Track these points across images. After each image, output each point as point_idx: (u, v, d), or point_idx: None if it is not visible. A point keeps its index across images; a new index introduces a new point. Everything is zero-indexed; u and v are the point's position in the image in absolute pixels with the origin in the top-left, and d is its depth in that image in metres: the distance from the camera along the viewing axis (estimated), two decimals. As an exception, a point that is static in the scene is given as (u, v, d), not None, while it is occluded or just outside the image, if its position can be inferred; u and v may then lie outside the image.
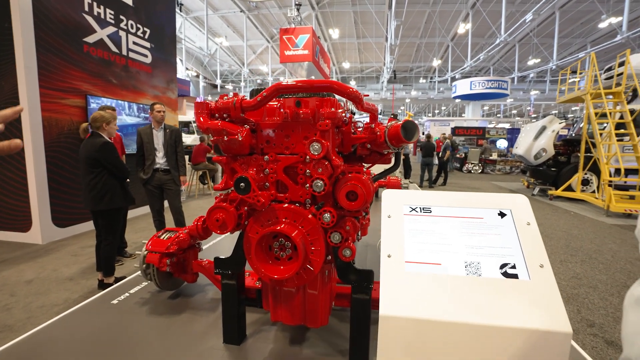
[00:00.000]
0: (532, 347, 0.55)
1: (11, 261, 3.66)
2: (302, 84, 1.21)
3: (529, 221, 0.68)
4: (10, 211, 4.30)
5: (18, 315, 2.46)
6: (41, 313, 2.54)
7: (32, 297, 2.76)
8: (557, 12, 17.13)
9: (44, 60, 4.16)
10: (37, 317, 2.44)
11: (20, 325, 2.31)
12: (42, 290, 2.89)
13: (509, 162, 14.58)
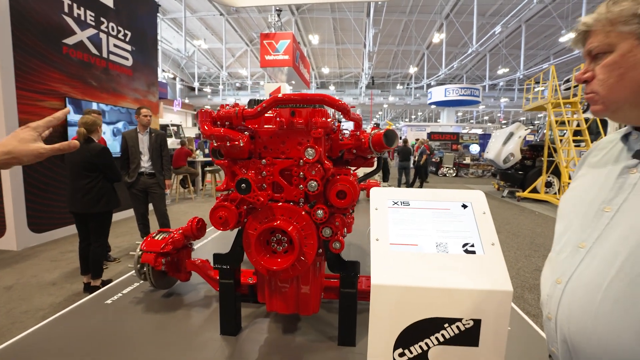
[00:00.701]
0: (484, 302, 0.73)
1: (-15, 267, 3.56)
2: (297, 97, 1.38)
3: (485, 211, 0.88)
4: (-17, 216, 4.16)
5: (0, 322, 2.43)
6: (26, 318, 2.52)
7: (14, 302, 2.73)
8: (523, 25, 18.28)
9: (21, 61, 4.09)
10: (22, 322, 2.42)
11: (4, 331, 2.29)
12: (24, 296, 2.86)
13: (481, 166, 15.33)
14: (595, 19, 0.59)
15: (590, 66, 0.61)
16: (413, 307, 0.75)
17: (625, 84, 0.57)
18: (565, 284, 0.60)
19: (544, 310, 0.66)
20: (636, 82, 0.56)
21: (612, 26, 0.57)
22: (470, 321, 0.75)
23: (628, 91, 0.57)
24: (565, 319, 0.59)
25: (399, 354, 0.78)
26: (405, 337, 0.77)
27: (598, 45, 0.59)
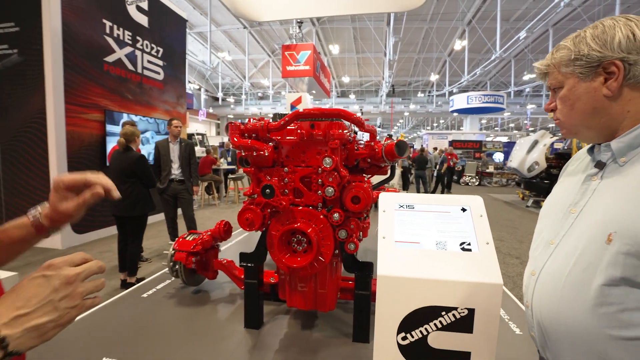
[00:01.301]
0: (477, 293, 0.84)
1: (36, 263, 3.91)
2: (316, 112, 1.53)
3: (482, 214, 0.98)
4: (32, 218, 4.58)
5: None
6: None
7: (61, 295, 3.01)
8: (551, 29, 17.78)
9: (69, 78, 4.52)
10: (68, 313, 2.68)
11: (54, 319, 2.55)
12: (69, 290, 3.15)
13: (505, 174, 14.92)
14: (545, 64, 0.72)
15: (554, 98, 0.73)
16: (414, 296, 0.87)
17: (575, 112, 0.69)
18: (537, 276, 0.71)
19: (524, 299, 0.76)
20: (582, 111, 0.68)
21: (557, 68, 0.69)
22: (465, 310, 0.85)
23: (579, 117, 0.69)
24: (538, 305, 0.69)
25: (402, 338, 0.89)
26: (407, 322, 0.88)
27: (553, 82, 0.72)
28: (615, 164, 0.66)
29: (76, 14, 4.57)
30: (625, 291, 0.56)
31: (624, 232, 0.57)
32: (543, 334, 0.69)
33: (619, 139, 0.65)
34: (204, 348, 1.69)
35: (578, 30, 0.69)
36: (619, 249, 0.57)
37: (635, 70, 0.63)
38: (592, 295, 0.60)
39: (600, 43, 0.63)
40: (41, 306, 0.47)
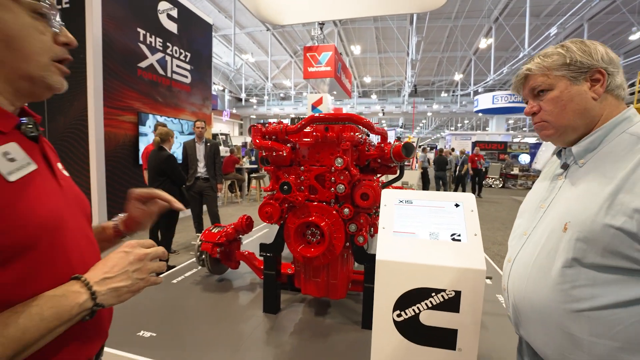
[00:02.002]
0: (463, 277, 0.96)
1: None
2: (329, 117, 1.68)
3: (473, 209, 1.09)
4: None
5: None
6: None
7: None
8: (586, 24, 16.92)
9: (107, 83, 4.90)
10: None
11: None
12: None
13: (530, 177, 14.42)
14: (535, 65, 0.80)
15: (535, 102, 0.82)
16: (408, 279, 1.00)
17: (567, 112, 0.77)
18: (512, 262, 0.82)
19: (502, 284, 0.87)
20: (574, 111, 0.77)
21: (549, 71, 0.78)
22: (452, 292, 0.97)
23: (571, 117, 0.77)
24: (512, 288, 0.80)
25: (397, 315, 1.02)
26: (402, 301, 1.01)
27: (542, 84, 0.80)
28: (576, 165, 0.76)
29: (114, 24, 4.95)
30: (577, 271, 0.67)
31: (576, 221, 0.68)
32: (516, 313, 0.80)
33: (577, 144, 0.76)
34: (227, 328, 1.88)
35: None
36: (571, 236, 0.68)
37: (613, 81, 0.74)
38: (553, 276, 0.70)
39: (586, 53, 0.74)
40: (120, 274, 0.58)
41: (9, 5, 0.48)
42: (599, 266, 0.64)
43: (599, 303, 0.64)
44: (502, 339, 1.73)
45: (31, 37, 0.50)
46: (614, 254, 0.62)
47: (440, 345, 1.00)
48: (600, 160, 0.71)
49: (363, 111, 27.93)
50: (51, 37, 0.54)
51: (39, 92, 0.55)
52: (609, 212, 0.63)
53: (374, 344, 1.05)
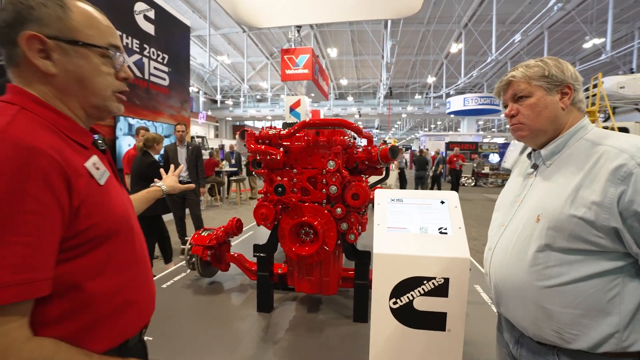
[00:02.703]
0: (450, 266, 1.08)
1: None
2: (320, 122, 1.78)
3: (456, 205, 1.22)
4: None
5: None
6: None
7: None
8: (546, 32, 18.07)
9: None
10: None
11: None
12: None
13: (500, 175, 15.19)
14: (520, 73, 0.91)
15: (514, 106, 0.94)
16: (402, 269, 1.11)
17: (542, 118, 0.90)
18: (493, 250, 0.95)
19: (484, 269, 1.00)
20: (547, 117, 0.90)
21: (530, 80, 0.91)
22: (441, 279, 1.09)
23: (544, 122, 0.90)
24: (493, 272, 0.93)
25: (393, 302, 1.13)
26: (397, 290, 1.12)
27: (523, 91, 0.91)
28: (544, 165, 0.90)
29: (88, 25, 4.81)
30: (548, 254, 0.80)
31: (546, 213, 0.81)
32: (497, 293, 0.93)
33: (545, 148, 0.90)
34: (224, 328, 1.93)
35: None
36: (543, 225, 0.81)
37: (577, 96, 0.88)
38: (528, 260, 0.83)
39: (560, 70, 0.88)
40: None
41: (85, 53, 0.62)
42: (566, 249, 0.77)
43: (565, 279, 0.77)
44: (482, 322, 1.89)
45: (99, 77, 0.64)
46: (577, 239, 0.76)
47: (432, 327, 1.11)
48: (564, 162, 0.85)
49: (340, 113, 28.26)
50: (114, 74, 0.67)
51: (103, 116, 0.70)
52: (573, 205, 0.76)
53: (373, 330, 1.15)
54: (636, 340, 0.73)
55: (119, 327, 0.66)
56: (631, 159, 0.72)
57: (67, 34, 0.60)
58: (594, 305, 0.75)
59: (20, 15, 0.57)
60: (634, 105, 7.89)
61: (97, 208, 0.61)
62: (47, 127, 0.59)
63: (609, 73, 16.11)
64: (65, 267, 0.57)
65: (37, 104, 0.60)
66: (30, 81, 0.61)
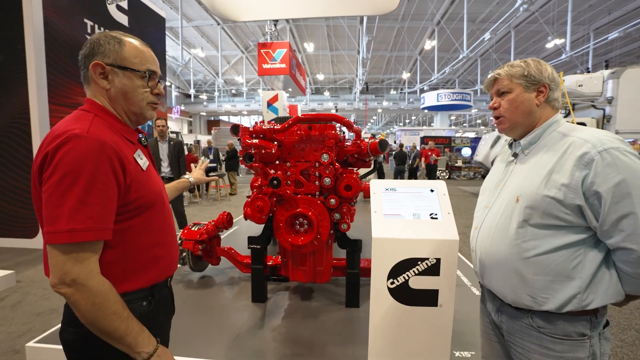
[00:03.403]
0: (441, 247, 1.20)
1: (26, 264, 3.95)
2: (313, 117, 1.85)
3: (445, 193, 1.34)
4: (17, 219, 4.54)
5: (59, 302, 2.83)
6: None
7: (62, 289, 3.13)
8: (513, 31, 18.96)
9: (53, 78, 4.51)
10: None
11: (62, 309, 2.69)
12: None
13: (472, 168, 15.90)
14: (504, 72, 1.04)
15: (498, 99, 1.06)
16: (398, 251, 1.21)
17: (518, 112, 1.03)
18: (479, 229, 1.07)
19: (470, 246, 1.12)
20: (522, 111, 1.02)
21: (512, 78, 1.03)
22: (434, 259, 1.21)
23: (519, 116, 1.03)
24: (479, 248, 1.06)
25: (391, 283, 1.24)
26: (394, 271, 1.23)
27: (506, 86, 1.04)
28: (523, 154, 1.03)
29: (58, 14, 4.56)
30: (525, 229, 0.93)
31: (524, 194, 0.94)
32: (482, 266, 1.05)
33: (524, 138, 1.03)
34: (221, 319, 1.98)
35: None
36: (522, 204, 0.94)
37: (551, 94, 1.00)
38: (510, 235, 0.96)
39: (539, 71, 1.00)
40: None
41: (129, 75, 0.86)
42: (540, 225, 0.91)
43: (539, 251, 0.91)
44: (464, 302, 2.06)
45: (138, 92, 0.88)
46: (549, 215, 0.89)
47: (426, 304, 1.23)
48: (539, 151, 0.98)
49: (316, 108, 28.28)
50: (149, 90, 0.90)
51: (140, 120, 0.93)
52: (547, 187, 0.90)
53: (372, 309, 1.25)
54: (593, 300, 0.88)
55: (150, 273, 0.87)
56: (593, 147, 0.85)
57: (119, 62, 0.84)
58: (561, 271, 0.89)
59: (93, 50, 0.84)
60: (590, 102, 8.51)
61: (142, 186, 0.83)
62: (109, 128, 0.83)
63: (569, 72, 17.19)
64: (120, 225, 0.79)
65: (103, 112, 0.85)
66: (95, 94, 0.86)
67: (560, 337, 0.91)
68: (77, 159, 0.71)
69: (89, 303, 0.72)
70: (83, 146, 0.72)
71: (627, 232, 0.81)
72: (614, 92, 8.01)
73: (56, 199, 0.70)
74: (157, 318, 0.91)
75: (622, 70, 8.02)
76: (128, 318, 0.77)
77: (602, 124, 8.27)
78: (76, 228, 0.70)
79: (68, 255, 0.71)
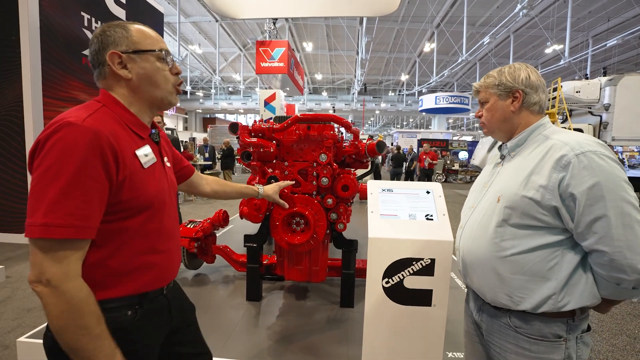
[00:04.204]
0: (436, 247, 1.21)
1: (17, 258, 3.91)
2: (312, 117, 1.85)
3: (440, 195, 1.36)
4: (9, 214, 4.49)
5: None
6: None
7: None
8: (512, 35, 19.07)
9: (48, 71, 4.46)
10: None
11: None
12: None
13: (469, 172, 15.99)
14: (479, 85, 1.08)
15: (480, 109, 1.09)
16: (393, 251, 1.22)
17: (494, 119, 1.06)
18: (463, 228, 1.08)
19: (455, 245, 1.13)
20: (498, 119, 1.05)
21: (486, 89, 1.05)
22: (428, 260, 1.22)
23: (495, 123, 1.07)
24: (462, 247, 1.07)
25: (386, 282, 1.24)
26: (389, 270, 1.24)
27: (482, 98, 1.08)
28: (509, 156, 1.05)
29: (54, 6, 4.51)
30: (504, 229, 0.94)
31: (505, 194, 0.96)
32: (464, 265, 1.07)
33: (510, 141, 1.05)
34: (215, 317, 1.97)
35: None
36: (502, 204, 0.95)
37: (528, 99, 1.02)
38: (489, 234, 0.97)
39: (512, 77, 1.02)
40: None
41: (146, 57, 0.83)
42: (518, 225, 0.93)
43: (517, 250, 0.93)
44: (457, 303, 2.07)
45: (160, 74, 0.85)
46: (527, 216, 0.91)
47: (420, 303, 1.24)
48: (524, 153, 1.01)
49: (313, 108, 28.25)
50: (169, 71, 0.87)
51: (164, 106, 0.90)
52: (525, 188, 0.92)
53: (367, 308, 1.26)
54: (568, 302, 0.89)
55: (138, 281, 0.81)
56: (571, 150, 0.87)
57: (132, 47, 0.82)
58: (537, 272, 0.91)
59: (103, 43, 0.81)
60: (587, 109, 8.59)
61: (137, 185, 0.78)
62: (116, 120, 0.79)
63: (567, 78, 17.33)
64: (109, 225, 0.74)
65: (114, 103, 0.82)
66: (112, 86, 0.83)
67: (535, 338, 0.92)
68: (65, 149, 0.67)
69: (59, 310, 0.66)
70: (74, 135, 0.67)
71: (599, 235, 0.82)
72: (611, 99, 8.09)
73: (39, 190, 0.66)
74: (144, 330, 0.82)
75: (619, 78, 8.10)
76: (99, 336, 0.69)
77: (598, 131, 8.36)
78: (52, 223, 0.65)
79: (46, 253, 0.66)
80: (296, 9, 8.25)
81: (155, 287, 0.85)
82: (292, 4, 8.05)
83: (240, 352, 1.63)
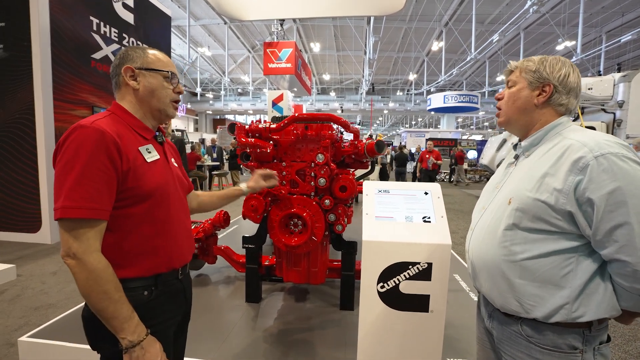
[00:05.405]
0: (433, 251, 1.16)
1: (27, 258, 3.98)
2: (309, 116, 1.82)
3: (439, 196, 1.31)
4: (21, 213, 4.60)
5: (57, 297, 2.85)
6: (77, 295, 2.93)
7: (63, 284, 3.15)
8: (522, 33, 18.71)
9: (58, 75, 4.55)
10: (75, 298, 2.84)
11: (62, 304, 2.72)
12: (70, 279, 3.27)
13: (478, 171, 15.72)
14: (519, 64, 1.00)
15: (503, 91, 1.02)
16: (389, 255, 1.19)
17: (514, 107, 0.99)
18: (473, 230, 1.04)
19: (465, 248, 1.09)
20: (517, 107, 0.98)
21: (521, 72, 0.99)
22: (425, 264, 1.18)
23: (515, 112, 0.99)
24: (471, 249, 1.02)
25: (381, 287, 1.21)
26: (385, 275, 1.20)
27: (513, 79, 1.00)
28: (523, 156, 0.99)
29: (64, 11, 4.60)
30: (515, 232, 0.89)
31: (516, 196, 0.90)
32: (473, 267, 1.02)
33: (525, 140, 0.99)
34: (214, 319, 1.96)
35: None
36: (513, 207, 0.90)
37: (555, 97, 0.95)
38: (498, 237, 0.92)
39: (550, 69, 0.95)
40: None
41: (154, 75, 0.99)
42: (530, 229, 0.87)
43: (528, 255, 0.87)
44: (461, 307, 2.02)
45: (162, 90, 1.00)
46: (540, 220, 0.85)
47: (416, 309, 1.20)
48: (539, 152, 0.94)
49: (322, 108, 28.23)
50: (172, 89, 1.02)
51: (163, 118, 1.04)
52: (539, 190, 0.86)
53: (362, 313, 1.22)
54: (584, 313, 0.82)
55: (148, 262, 0.93)
56: (590, 152, 0.80)
57: (146, 65, 0.98)
58: (549, 279, 0.85)
59: (122, 59, 0.97)
60: (600, 106, 8.35)
61: (141, 176, 0.90)
62: (122, 124, 0.94)
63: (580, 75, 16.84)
64: (119, 211, 0.87)
65: (122, 111, 0.97)
66: (124, 96, 0.98)
67: (549, 349, 0.86)
68: (77, 146, 0.81)
69: (84, 277, 0.80)
70: (84, 135, 0.82)
71: (621, 243, 0.76)
72: (625, 95, 7.84)
73: (60, 181, 0.82)
74: (160, 309, 0.95)
75: (634, 74, 7.84)
76: (118, 301, 0.82)
77: (612, 128, 8.10)
78: (68, 205, 0.79)
79: (69, 232, 0.81)
80: (302, 9, 8.24)
81: (165, 269, 0.96)
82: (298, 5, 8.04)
83: (235, 355, 1.61)
